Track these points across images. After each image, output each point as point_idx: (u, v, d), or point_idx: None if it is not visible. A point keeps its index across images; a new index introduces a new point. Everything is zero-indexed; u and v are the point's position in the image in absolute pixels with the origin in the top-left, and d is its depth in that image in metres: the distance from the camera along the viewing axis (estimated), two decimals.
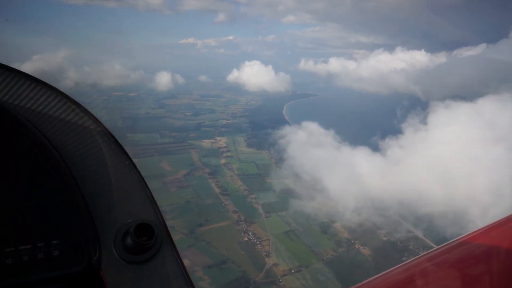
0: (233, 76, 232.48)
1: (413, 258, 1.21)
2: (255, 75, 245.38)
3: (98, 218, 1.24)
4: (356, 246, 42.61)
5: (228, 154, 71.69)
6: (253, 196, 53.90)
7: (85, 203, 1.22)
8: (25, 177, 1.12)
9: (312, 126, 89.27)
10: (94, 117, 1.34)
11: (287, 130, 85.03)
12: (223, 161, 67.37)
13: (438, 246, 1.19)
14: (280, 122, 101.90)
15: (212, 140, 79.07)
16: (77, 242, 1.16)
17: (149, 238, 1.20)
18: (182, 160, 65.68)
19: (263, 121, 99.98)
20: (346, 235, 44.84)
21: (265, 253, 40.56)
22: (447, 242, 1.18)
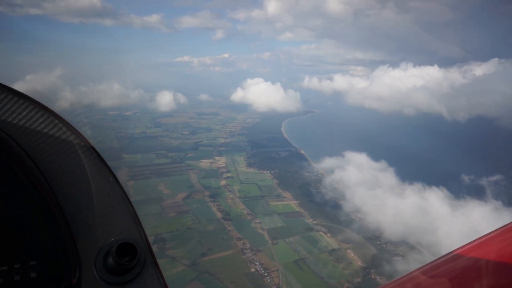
0: (238, 95, 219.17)
1: (413, 270, 1.19)
2: (263, 94, 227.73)
3: (79, 237, 1.20)
4: (373, 276, 39.61)
5: (228, 174, 68.94)
6: (257, 221, 50.89)
7: (65, 221, 1.18)
8: (1, 194, 1.07)
9: (357, 158, 74.38)
10: (77, 131, 1.31)
11: (326, 163, 73.62)
12: (223, 182, 64.52)
13: (438, 257, 1.18)
14: (280, 140, 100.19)
15: (211, 160, 76.44)
16: (56, 263, 1.12)
17: (131, 258, 1.17)
18: (180, 182, 62.75)
19: (262, 140, 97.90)
20: (360, 263, 41.88)
21: (275, 286, 37.32)
22: (447, 253, 1.17)
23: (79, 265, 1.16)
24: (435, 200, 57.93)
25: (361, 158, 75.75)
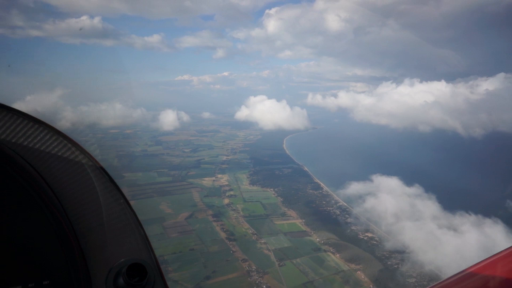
0: (243, 113, 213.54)
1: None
2: (268, 111, 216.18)
3: (90, 257, 1.24)
4: None
5: (231, 193, 67.47)
6: (262, 241, 49.11)
7: (77, 242, 1.23)
8: (16, 215, 1.11)
9: (387, 181, 68.36)
10: (89, 154, 1.36)
11: (352, 188, 66.93)
12: (226, 201, 63.02)
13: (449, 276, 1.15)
14: (282, 157, 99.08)
15: (213, 178, 75.09)
16: (68, 282, 1.15)
17: (141, 279, 1.20)
18: (182, 201, 61.28)
19: (265, 157, 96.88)
20: (371, 286, 39.95)
21: None
22: (457, 272, 1.15)
23: (90, 285, 1.18)
24: (500, 237, 47.06)
25: (384, 180, 72.06)
